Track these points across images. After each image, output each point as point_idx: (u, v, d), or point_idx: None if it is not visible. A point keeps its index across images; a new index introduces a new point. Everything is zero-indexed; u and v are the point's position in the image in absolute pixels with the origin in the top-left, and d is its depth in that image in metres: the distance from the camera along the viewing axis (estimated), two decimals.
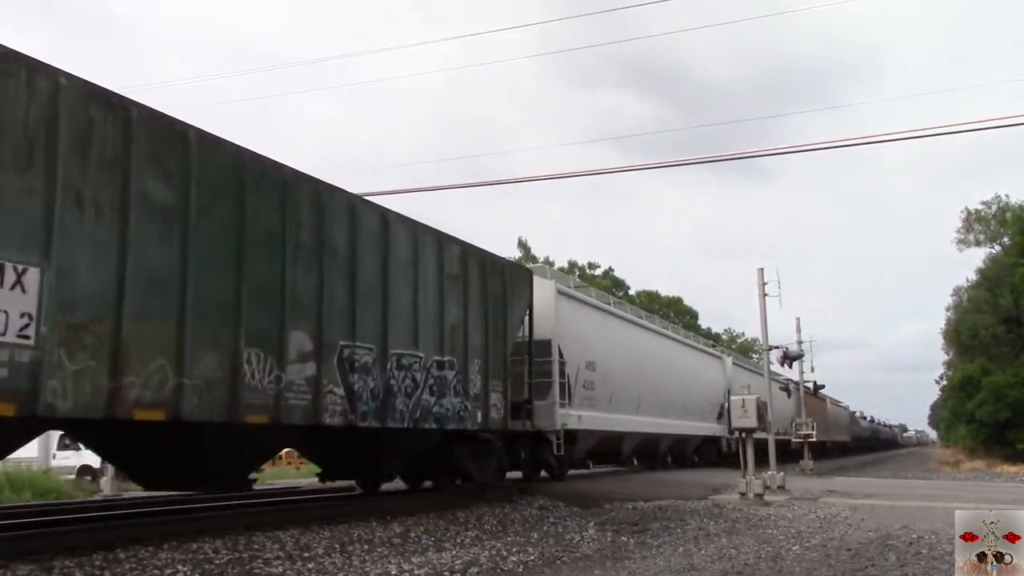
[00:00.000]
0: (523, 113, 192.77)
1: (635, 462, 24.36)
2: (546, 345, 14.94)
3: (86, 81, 6.95)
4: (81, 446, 22.03)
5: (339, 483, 13.51)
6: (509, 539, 9.14)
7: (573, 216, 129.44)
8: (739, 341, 75.14)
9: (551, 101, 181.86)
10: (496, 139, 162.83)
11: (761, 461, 18.97)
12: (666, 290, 67.84)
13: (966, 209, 53.78)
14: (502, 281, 13.44)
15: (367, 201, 10.82)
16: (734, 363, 30.77)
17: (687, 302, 68.52)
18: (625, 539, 9.35)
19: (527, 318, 14.37)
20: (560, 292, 16.14)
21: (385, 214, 10.74)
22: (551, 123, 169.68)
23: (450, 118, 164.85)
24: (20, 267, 6.17)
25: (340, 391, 9.52)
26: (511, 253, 47.13)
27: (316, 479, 13.80)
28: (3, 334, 5.99)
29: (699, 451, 27.91)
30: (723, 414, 26.44)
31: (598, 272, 57.95)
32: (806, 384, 35.02)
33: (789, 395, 35.75)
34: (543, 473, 16.55)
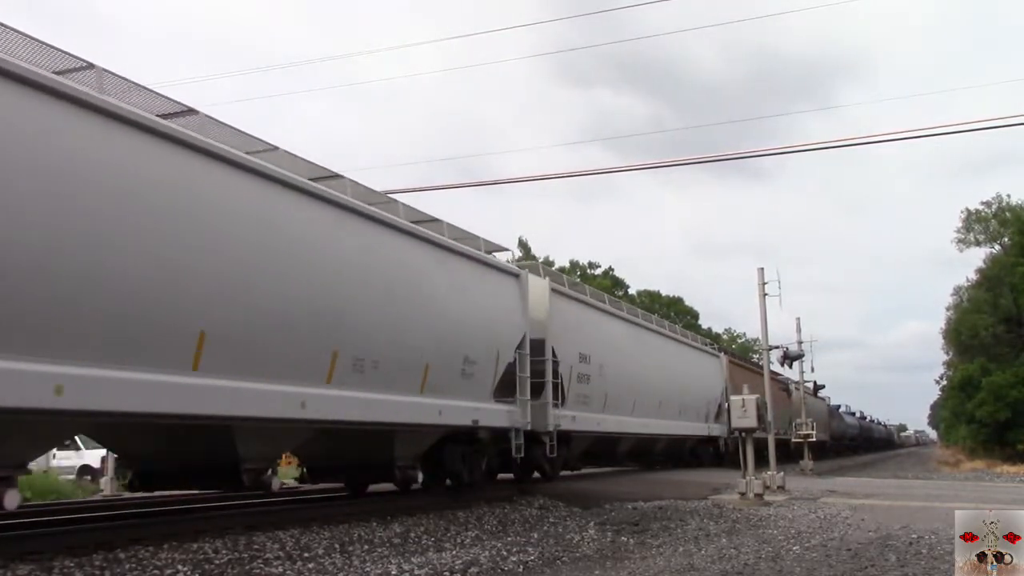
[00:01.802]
0: (518, 112, 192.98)
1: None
2: None
3: None
4: (81, 446, 22.12)
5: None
6: (509, 539, 9.14)
7: (568, 216, 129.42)
8: (739, 341, 75.24)
9: (546, 100, 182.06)
10: (490, 138, 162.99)
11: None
12: (665, 290, 67.98)
13: (966, 209, 54.01)
14: None
15: None
16: (553, 289, 15.42)
17: (686, 302, 68.65)
18: (625, 539, 9.35)
19: None
20: None
21: None
22: (545, 122, 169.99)
23: (445, 117, 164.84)
24: None
25: None
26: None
27: None
28: None
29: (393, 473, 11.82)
30: (512, 384, 13.44)
31: (598, 272, 58.04)
32: (807, 383, 34.89)
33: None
34: None
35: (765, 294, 21.21)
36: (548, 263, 46.79)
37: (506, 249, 15.12)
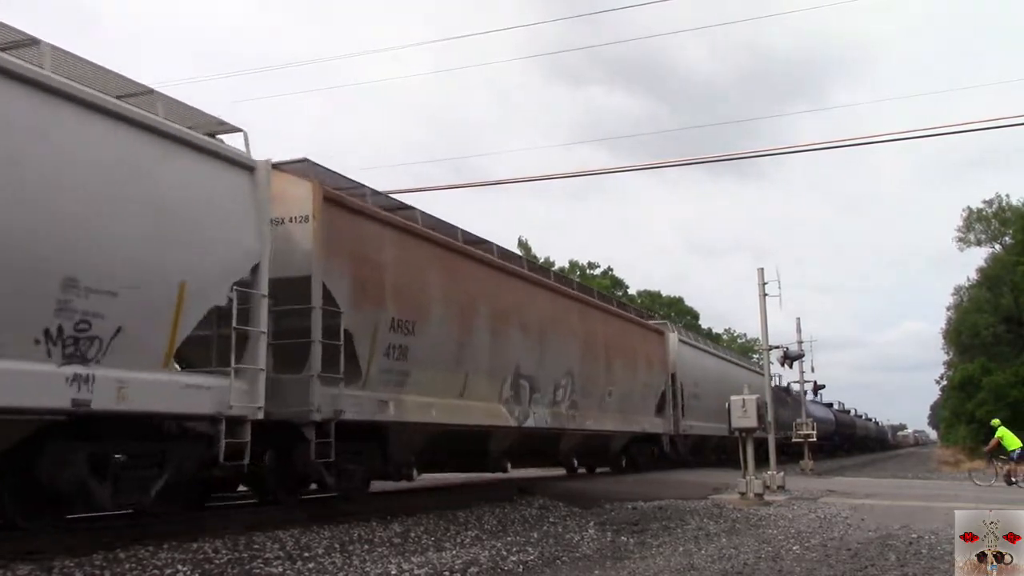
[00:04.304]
0: (513, 111, 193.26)
1: None
2: None
3: None
4: None
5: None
6: (509, 539, 9.14)
7: (564, 215, 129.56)
8: (739, 342, 75.23)
9: (540, 100, 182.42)
10: (485, 138, 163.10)
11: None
12: (664, 291, 68.02)
13: (967, 208, 54.09)
14: None
15: None
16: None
17: (686, 302, 68.68)
18: (625, 539, 9.35)
19: None
20: None
21: None
22: (539, 121, 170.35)
23: (440, 118, 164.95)
24: None
25: None
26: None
27: None
28: None
29: None
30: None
31: (597, 272, 57.98)
32: (806, 383, 34.76)
33: None
34: None
35: (765, 294, 21.18)
36: (548, 263, 46.70)
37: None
